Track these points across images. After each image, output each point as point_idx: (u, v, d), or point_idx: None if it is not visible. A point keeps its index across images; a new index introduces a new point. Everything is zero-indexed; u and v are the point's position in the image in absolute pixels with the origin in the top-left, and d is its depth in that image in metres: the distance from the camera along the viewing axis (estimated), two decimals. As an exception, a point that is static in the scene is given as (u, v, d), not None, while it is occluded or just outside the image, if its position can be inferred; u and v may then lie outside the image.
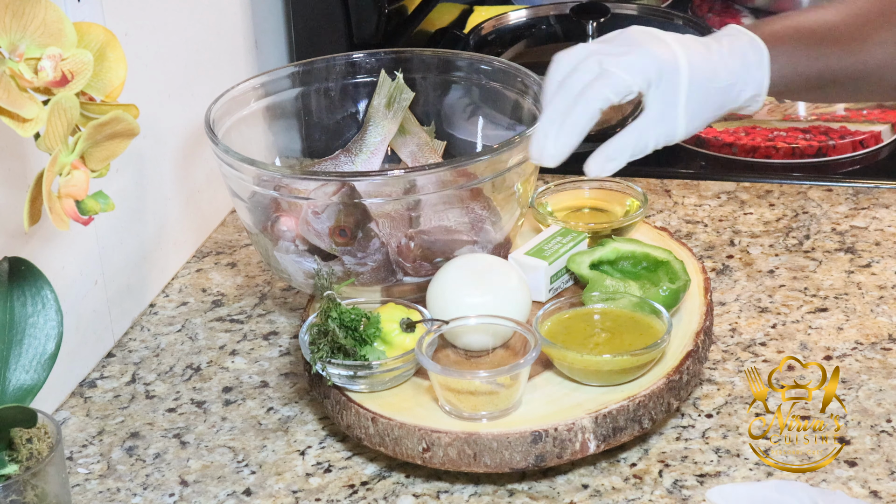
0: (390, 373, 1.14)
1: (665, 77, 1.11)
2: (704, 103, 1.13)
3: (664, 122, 1.13)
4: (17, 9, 0.88)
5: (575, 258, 1.24)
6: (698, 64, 1.13)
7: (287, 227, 1.23)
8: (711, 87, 1.13)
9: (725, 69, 1.13)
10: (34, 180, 0.91)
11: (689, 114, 1.13)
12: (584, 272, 1.23)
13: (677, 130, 1.13)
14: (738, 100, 1.15)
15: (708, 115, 1.15)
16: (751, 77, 1.14)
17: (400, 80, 1.34)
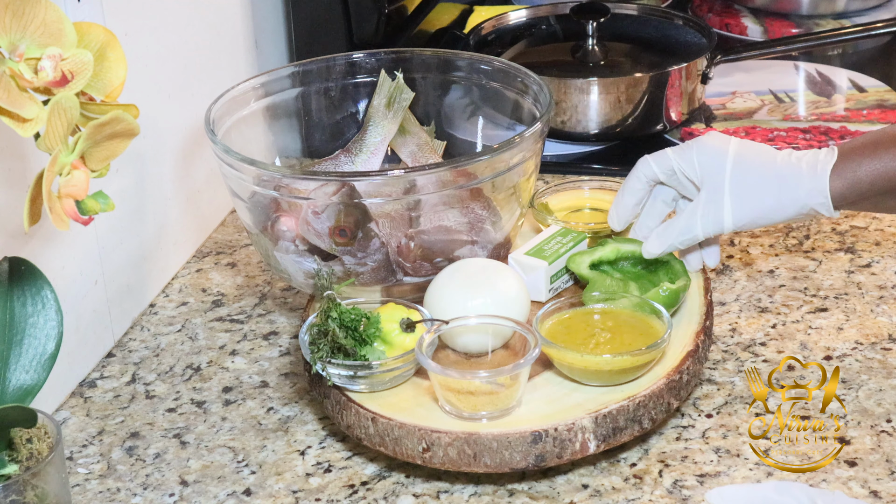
0: (390, 373, 1.14)
1: (711, 163, 1.16)
2: (753, 190, 1.15)
3: (711, 208, 1.16)
4: (17, 9, 0.88)
5: (575, 258, 1.24)
6: (749, 152, 1.16)
7: (287, 227, 1.23)
8: (762, 179, 1.15)
9: (783, 162, 1.15)
10: (34, 180, 0.91)
11: (736, 198, 1.15)
12: (584, 272, 1.23)
13: (724, 221, 1.16)
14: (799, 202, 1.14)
15: (759, 206, 1.15)
16: (813, 180, 1.14)
17: (400, 80, 1.34)
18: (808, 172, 1.14)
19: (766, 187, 1.15)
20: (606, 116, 1.64)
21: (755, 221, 1.16)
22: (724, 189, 1.15)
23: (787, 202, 1.15)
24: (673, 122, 1.67)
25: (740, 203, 1.15)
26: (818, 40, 1.77)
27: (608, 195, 1.38)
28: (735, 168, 1.15)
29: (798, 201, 1.14)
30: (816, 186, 1.14)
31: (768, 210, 1.15)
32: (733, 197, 1.15)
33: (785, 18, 2.00)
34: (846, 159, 1.14)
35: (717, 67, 1.71)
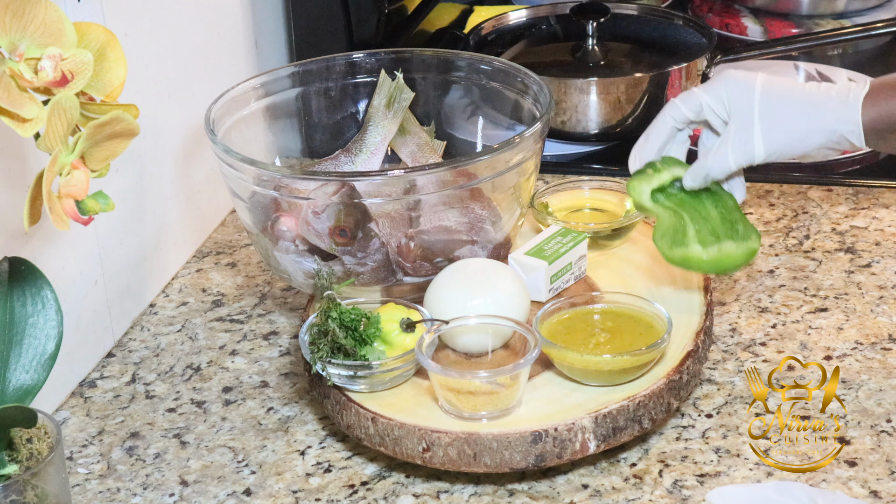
0: (390, 373, 1.14)
1: (738, 95, 1.16)
2: (783, 118, 1.15)
3: (741, 137, 1.16)
4: (17, 9, 0.88)
5: (635, 185, 1.21)
6: (776, 82, 1.15)
7: (287, 227, 1.23)
8: (791, 106, 1.14)
9: (811, 93, 1.15)
10: (34, 180, 0.91)
11: (766, 128, 1.15)
12: (646, 203, 1.21)
13: (755, 149, 1.16)
14: (828, 128, 1.13)
15: (790, 133, 1.15)
16: (844, 107, 1.13)
17: (400, 80, 1.34)
18: (839, 101, 1.14)
19: (796, 115, 1.15)
20: (606, 116, 1.64)
21: (785, 149, 1.15)
22: (753, 118, 1.15)
23: (816, 129, 1.14)
24: (673, 122, 1.67)
25: (771, 131, 1.15)
26: (818, 40, 1.77)
27: (608, 195, 1.38)
28: (764, 97, 1.15)
29: (827, 128, 1.14)
30: (847, 114, 1.13)
31: (799, 137, 1.15)
32: (763, 125, 1.15)
33: (785, 18, 2.00)
34: (878, 91, 1.13)
35: (717, 67, 1.71)
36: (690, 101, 1.20)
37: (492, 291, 1.18)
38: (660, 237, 1.20)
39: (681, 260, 1.20)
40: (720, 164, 1.18)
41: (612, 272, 1.30)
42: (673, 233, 1.20)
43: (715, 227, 1.21)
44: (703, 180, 1.20)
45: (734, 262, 1.20)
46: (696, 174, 1.20)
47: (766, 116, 1.15)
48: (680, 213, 1.21)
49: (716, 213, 1.21)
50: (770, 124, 1.15)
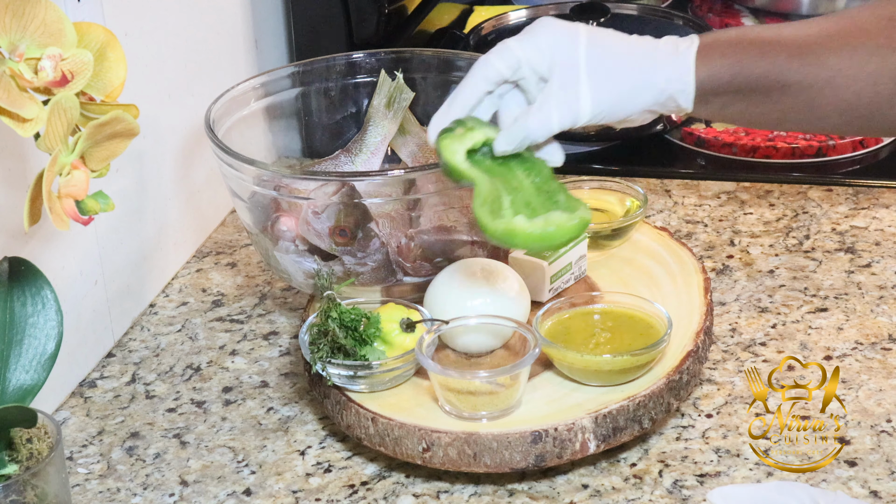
0: (390, 373, 1.14)
1: (562, 46, 1.04)
2: (611, 78, 1.04)
3: (565, 93, 1.03)
4: (17, 9, 0.88)
5: (447, 144, 1.06)
6: (602, 35, 1.05)
7: (287, 227, 1.23)
8: (621, 59, 1.04)
9: (638, 46, 1.05)
10: (34, 180, 0.91)
11: (594, 84, 1.03)
12: (461, 165, 1.06)
13: (581, 107, 1.03)
14: (658, 86, 1.03)
15: (618, 89, 1.03)
16: (675, 63, 1.03)
17: (400, 80, 1.34)
18: (668, 56, 1.04)
19: (626, 69, 1.04)
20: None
21: (614, 108, 1.04)
22: (579, 73, 1.03)
23: (647, 85, 1.03)
24: (673, 122, 1.67)
25: (599, 87, 1.03)
26: (818, 40, 1.76)
27: (608, 195, 1.38)
28: (591, 50, 1.03)
29: (658, 86, 1.03)
30: (678, 71, 1.03)
31: (628, 95, 1.04)
32: (591, 81, 1.03)
33: (785, 18, 2.00)
34: (708, 50, 1.04)
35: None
36: (506, 55, 1.05)
37: (492, 291, 1.18)
38: (480, 205, 1.04)
39: (504, 234, 1.04)
40: (541, 125, 1.04)
41: (612, 272, 1.30)
42: (492, 201, 1.05)
43: (529, 198, 1.06)
44: (520, 144, 1.05)
45: (566, 235, 1.04)
46: (512, 137, 1.05)
47: (594, 71, 1.03)
48: (493, 181, 1.06)
49: (528, 182, 1.07)
50: (599, 80, 1.03)
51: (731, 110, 1.06)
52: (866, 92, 1.03)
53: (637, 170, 1.60)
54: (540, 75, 1.05)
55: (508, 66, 1.05)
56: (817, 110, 1.05)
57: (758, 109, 1.06)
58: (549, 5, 1.86)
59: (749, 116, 1.07)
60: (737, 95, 1.04)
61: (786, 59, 1.03)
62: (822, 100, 1.04)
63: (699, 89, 1.04)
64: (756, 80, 1.04)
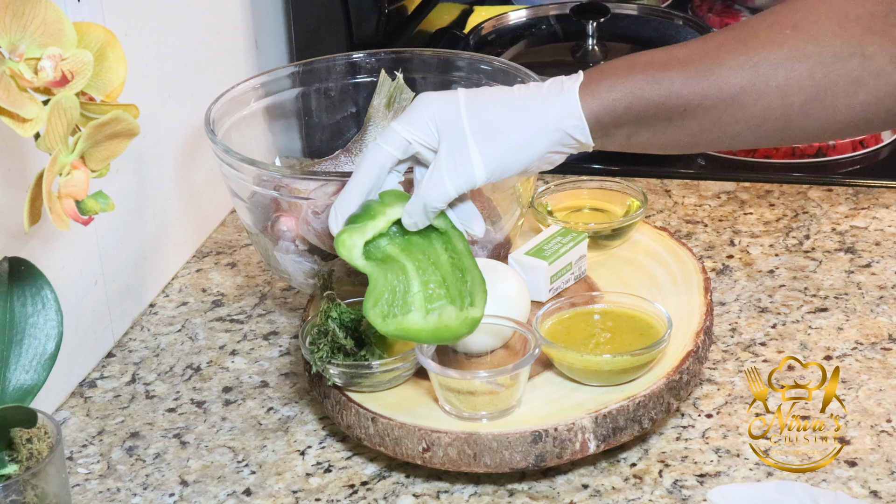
0: (390, 373, 1.14)
1: (444, 116, 1.05)
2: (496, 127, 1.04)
3: (454, 157, 1.04)
4: (17, 9, 0.88)
5: (344, 241, 1.07)
6: (481, 95, 1.05)
7: (287, 227, 1.23)
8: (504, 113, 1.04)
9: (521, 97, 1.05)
10: (34, 180, 0.91)
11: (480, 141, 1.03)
12: (358, 262, 1.08)
13: (474, 167, 1.04)
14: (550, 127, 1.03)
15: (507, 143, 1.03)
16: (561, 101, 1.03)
17: (400, 80, 1.34)
18: (554, 95, 1.03)
19: (509, 120, 1.03)
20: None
21: (507, 163, 1.04)
22: (464, 134, 1.03)
23: (538, 132, 1.03)
24: (673, 122, 1.67)
25: (486, 145, 1.03)
26: (818, 40, 1.76)
27: (608, 195, 1.38)
28: (470, 112, 1.03)
29: (550, 127, 1.03)
30: (566, 108, 1.02)
31: (520, 145, 1.03)
32: (477, 140, 1.03)
33: (785, 18, 1.99)
34: (597, 81, 1.03)
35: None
36: (394, 139, 1.07)
37: (492, 291, 1.18)
38: (371, 306, 1.07)
39: (396, 332, 1.08)
40: (437, 191, 1.05)
41: (612, 272, 1.30)
42: (390, 297, 1.08)
43: (444, 274, 1.10)
44: (423, 214, 1.07)
45: (452, 333, 1.09)
46: (413, 209, 1.07)
47: (479, 131, 1.03)
48: (403, 265, 1.09)
49: (445, 257, 1.11)
50: (484, 138, 1.03)
51: (638, 140, 1.05)
52: (776, 105, 1.02)
53: (637, 170, 1.60)
54: (432, 148, 1.06)
55: (398, 147, 1.07)
56: (727, 129, 1.04)
57: (665, 136, 1.05)
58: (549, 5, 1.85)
59: (659, 143, 1.06)
60: (639, 125, 1.04)
61: (682, 83, 1.02)
62: (729, 118, 1.03)
63: (595, 123, 1.03)
64: (655, 107, 1.03)
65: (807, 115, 1.03)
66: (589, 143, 1.05)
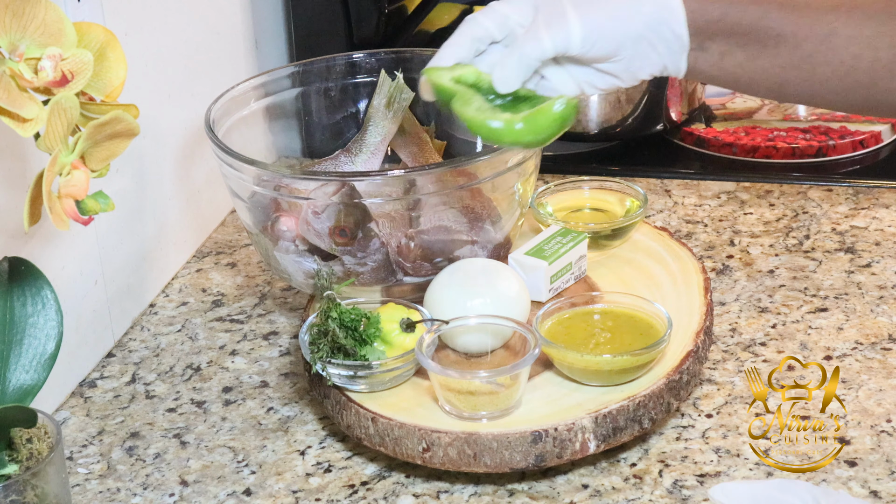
0: (390, 373, 1.14)
1: None
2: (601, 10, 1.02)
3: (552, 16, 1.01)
4: (17, 9, 0.88)
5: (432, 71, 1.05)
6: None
7: (287, 227, 1.23)
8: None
9: None
10: (34, 180, 0.91)
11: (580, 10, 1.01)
12: (447, 83, 1.04)
13: (570, 27, 1.01)
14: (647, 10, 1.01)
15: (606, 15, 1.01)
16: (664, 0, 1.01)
17: (400, 80, 1.34)
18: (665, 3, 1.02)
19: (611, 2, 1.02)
20: (606, 116, 1.64)
21: (603, 29, 1.02)
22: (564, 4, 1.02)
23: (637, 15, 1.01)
24: (673, 122, 1.67)
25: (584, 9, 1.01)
26: (818, 40, 1.76)
27: (608, 195, 1.38)
28: None
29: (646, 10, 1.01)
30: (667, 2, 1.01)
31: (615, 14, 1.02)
32: (578, 9, 1.01)
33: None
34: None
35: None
36: (493, 14, 1.04)
37: (492, 291, 1.18)
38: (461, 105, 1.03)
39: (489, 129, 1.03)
40: (534, 46, 1.01)
41: (612, 272, 1.30)
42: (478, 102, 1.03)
43: None
44: (516, 67, 1.02)
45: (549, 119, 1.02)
46: (507, 60, 1.02)
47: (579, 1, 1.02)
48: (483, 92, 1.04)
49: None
50: (584, 6, 1.02)
51: (730, 62, 1.03)
52: (865, 56, 1.00)
53: (637, 170, 1.60)
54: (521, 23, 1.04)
55: (495, 22, 1.04)
56: (817, 70, 1.02)
57: (757, 63, 1.02)
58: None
59: (750, 73, 1.04)
60: (732, 41, 1.01)
61: (778, 8, 1.01)
62: (819, 57, 1.01)
63: (691, 22, 1.01)
64: (749, 25, 1.01)
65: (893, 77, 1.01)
66: (684, 41, 1.02)
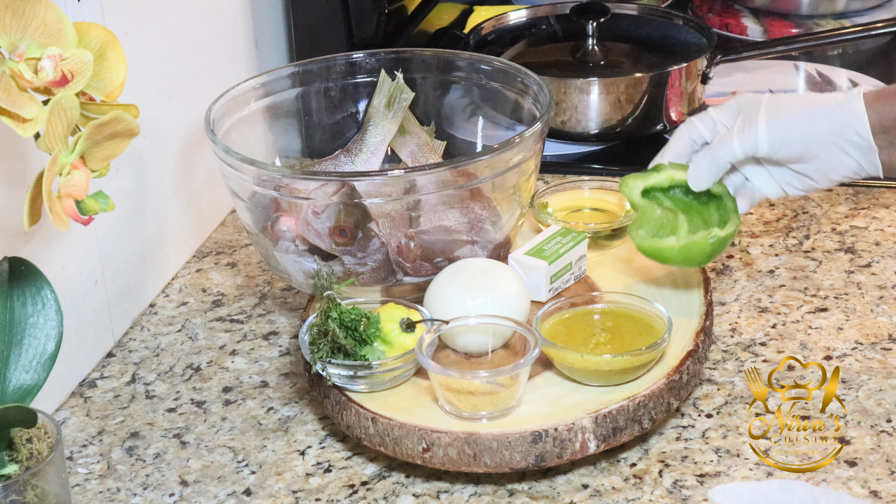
0: (390, 373, 1.14)
1: (748, 100, 1.19)
2: (788, 116, 1.15)
3: (745, 124, 1.17)
4: (17, 9, 0.88)
5: (627, 182, 1.21)
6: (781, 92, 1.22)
7: (287, 227, 1.23)
8: (797, 103, 1.16)
9: (812, 96, 1.18)
10: (34, 180, 0.91)
11: (770, 117, 1.16)
12: (635, 199, 1.21)
13: (759, 131, 1.15)
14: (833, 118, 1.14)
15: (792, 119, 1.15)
16: (844, 98, 1.15)
17: (400, 80, 1.34)
18: (839, 96, 1.15)
19: (797, 103, 1.17)
20: (606, 116, 1.64)
21: (790, 133, 1.15)
22: (759, 111, 1.17)
23: (819, 108, 1.15)
24: (673, 122, 1.67)
25: (773, 116, 1.16)
26: (818, 40, 1.77)
27: (608, 195, 1.39)
28: (769, 97, 1.18)
29: (831, 110, 1.14)
30: (848, 105, 1.14)
31: (800, 119, 1.15)
32: (767, 113, 1.16)
33: (785, 18, 2.00)
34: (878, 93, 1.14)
35: (717, 67, 1.71)
36: (705, 118, 1.21)
37: (492, 291, 1.18)
38: (635, 227, 1.20)
39: (650, 248, 1.20)
40: (724, 149, 1.17)
41: (612, 272, 1.30)
42: (654, 227, 1.20)
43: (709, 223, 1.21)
44: (707, 167, 1.18)
45: (699, 250, 1.19)
46: (700, 160, 1.19)
47: (771, 107, 1.16)
48: (676, 213, 1.21)
49: (716, 217, 1.20)
50: (774, 112, 1.16)
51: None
52: None
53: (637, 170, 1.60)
54: None
55: (706, 126, 1.21)
56: None
57: None
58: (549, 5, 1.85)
59: None
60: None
61: None
62: None
63: (876, 124, 1.13)
64: None
65: None
66: (871, 142, 1.13)
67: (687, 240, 1.18)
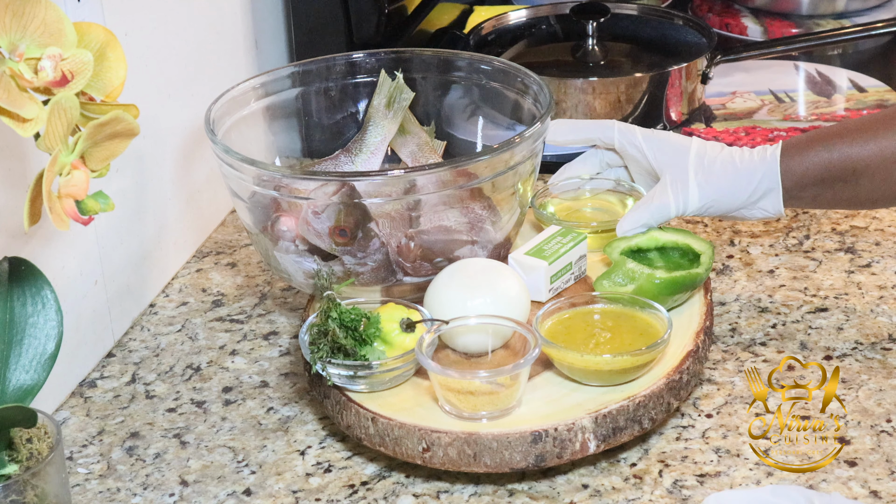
0: (390, 373, 1.14)
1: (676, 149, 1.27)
2: (714, 174, 1.24)
3: (678, 185, 1.25)
4: (17, 9, 0.88)
5: (612, 244, 1.26)
6: (708, 144, 1.27)
7: (287, 227, 1.23)
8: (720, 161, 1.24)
9: (737, 152, 1.25)
10: (34, 180, 0.91)
11: (700, 180, 1.24)
12: (614, 256, 1.25)
13: (690, 196, 1.25)
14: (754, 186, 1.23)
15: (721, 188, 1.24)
16: (764, 166, 1.22)
17: (400, 80, 1.34)
18: (759, 160, 1.23)
19: (724, 172, 1.24)
20: (606, 116, 1.64)
21: (716, 202, 1.25)
22: (688, 172, 1.25)
23: (742, 185, 1.23)
24: (673, 122, 1.67)
25: (704, 184, 1.25)
26: (818, 40, 1.77)
27: (608, 195, 1.38)
28: (697, 157, 1.26)
29: (752, 184, 1.23)
30: (768, 169, 1.22)
31: (727, 191, 1.24)
32: (698, 179, 1.25)
33: (785, 18, 2.00)
34: (793, 149, 1.23)
35: (717, 67, 1.71)
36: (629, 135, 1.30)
37: (492, 291, 1.18)
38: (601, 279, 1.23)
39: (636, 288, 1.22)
40: (661, 211, 1.25)
41: (612, 272, 1.30)
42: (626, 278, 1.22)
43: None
44: (642, 224, 1.26)
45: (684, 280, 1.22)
46: (635, 219, 1.26)
47: (700, 172, 1.25)
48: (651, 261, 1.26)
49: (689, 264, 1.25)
50: (704, 179, 1.24)
51: (823, 199, 1.25)
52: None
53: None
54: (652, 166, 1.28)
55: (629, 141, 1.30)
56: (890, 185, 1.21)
57: (845, 194, 1.23)
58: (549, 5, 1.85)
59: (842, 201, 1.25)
60: (821, 187, 1.23)
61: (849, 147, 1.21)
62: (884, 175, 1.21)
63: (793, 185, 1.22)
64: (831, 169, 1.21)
65: None
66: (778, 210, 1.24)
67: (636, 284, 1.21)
